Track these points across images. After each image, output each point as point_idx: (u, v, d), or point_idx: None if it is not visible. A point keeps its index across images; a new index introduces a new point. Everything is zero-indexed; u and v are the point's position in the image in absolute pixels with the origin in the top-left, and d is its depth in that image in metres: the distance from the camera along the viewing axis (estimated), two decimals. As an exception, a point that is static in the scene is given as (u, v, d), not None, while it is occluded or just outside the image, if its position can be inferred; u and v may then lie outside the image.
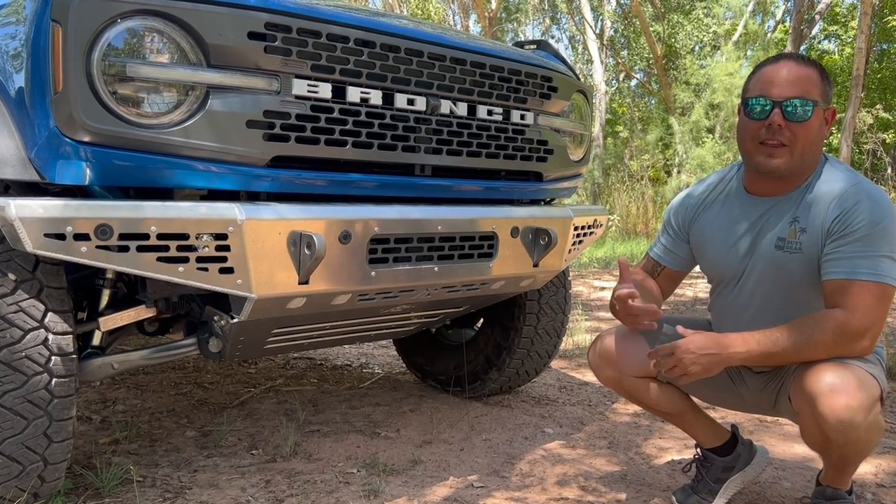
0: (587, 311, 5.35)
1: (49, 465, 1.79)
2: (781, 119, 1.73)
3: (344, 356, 3.98)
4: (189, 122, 1.63)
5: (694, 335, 1.73)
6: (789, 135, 1.74)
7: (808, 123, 1.73)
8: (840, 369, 1.64)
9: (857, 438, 1.65)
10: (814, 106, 1.73)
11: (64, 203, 1.50)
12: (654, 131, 15.95)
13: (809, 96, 1.73)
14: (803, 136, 1.74)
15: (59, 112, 1.52)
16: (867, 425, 1.63)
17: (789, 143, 1.74)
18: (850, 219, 1.70)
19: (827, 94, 1.77)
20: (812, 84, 1.74)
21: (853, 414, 1.60)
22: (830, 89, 1.79)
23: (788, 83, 1.74)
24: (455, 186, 2.15)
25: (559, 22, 22.22)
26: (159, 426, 2.72)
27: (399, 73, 1.91)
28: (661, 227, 2.11)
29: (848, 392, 1.61)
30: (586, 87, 2.55)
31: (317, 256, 1.69)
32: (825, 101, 1.77)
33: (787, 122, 1.73)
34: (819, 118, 1.76)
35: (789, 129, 1.73)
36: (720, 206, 1.95)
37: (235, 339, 1.96)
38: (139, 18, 1.57)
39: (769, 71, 1.78)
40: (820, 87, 1.75)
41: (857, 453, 1.74)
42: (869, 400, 1.63)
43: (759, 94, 1.77)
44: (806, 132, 1.74)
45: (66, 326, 1.74)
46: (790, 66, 1.76)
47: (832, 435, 1.64)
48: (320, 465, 2.36)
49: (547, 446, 2.59)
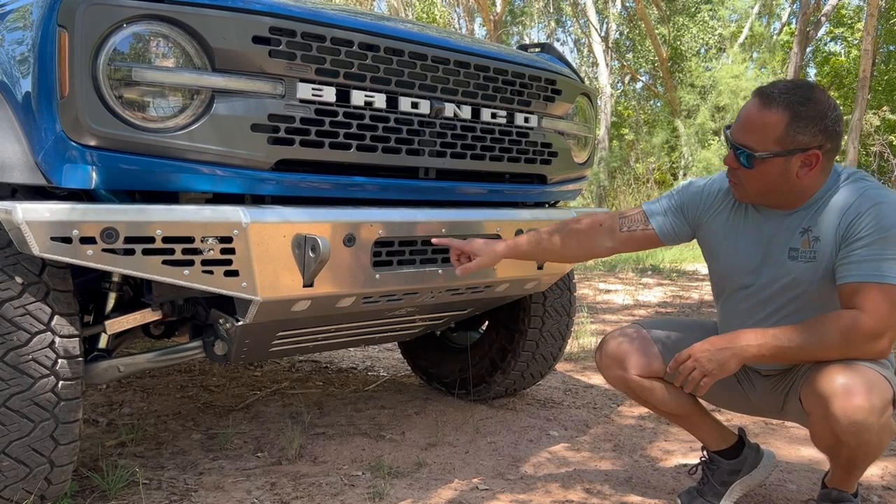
0: (592, 313, 5.35)
1: (55, 468, 1.80)
2: (734, 161, 1.78)
3: (349, 359, 3.99)
4: (194, 126, 1.64)
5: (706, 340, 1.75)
6: (741, 175, 1.78)
7: (753, 170, 1.74)
8: (853, 371, 1.64)
9: (869, 440, 1.65)
10: (753, 157, 1.71)
11: (70, 207, 1.52)
12: (660, 134, 15.95)
13: (754, 146, 1.71)
14: (753, 181, 1.76)
15: (66, 116, 1.53)
16: (879, 427, 1.64)
17: (741, 182, 1.79)
18: (863, 223, 1.70)
19: (794, 139, 1.67)
20: (767, 133, 1.69)
21: (866, 415, 1.60)
22: (805, 131, 1.67)
23: (743, 126, 1.75)
24: (459, 189, 2.16)
25: (564, 25, 22.26)
26: (165, 429, 2.73)
27: (403, 77, 1.92)
28: (670, 194, 2.03)
29: (861, 393, 1.61)
30: (590, 90, 2.55)
31: (321, 259, 1.69)
32: (786, 148, 1.68)
33: (737, 162, 1.77)
34: (773, 166, 1.70)
35: (740, 170, 1.77)
36: (734, 210, 1.92)
37: (240, 341, 1.96)
38: (144, 23, 1.58)
39: (744, 105, 1.80)
40: (778, 134, 1.68)
41: (867, 455, 1.74)
42: (882, 402, 1.63)
43: (730, 128, 1.81)
44: (752, 177, 1.75)
45: (72, 329, 1.75)
46: (754, 108, 1.72)
47: (844, 437, 1.64)
48: (325, 468, 2.36)
49: (552, 449, 2.59)
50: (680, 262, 8.54)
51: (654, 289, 6.92)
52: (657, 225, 1.99)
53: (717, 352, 1.71)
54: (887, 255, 1.67)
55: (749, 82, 13.89)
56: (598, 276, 7.98)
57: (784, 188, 1.75)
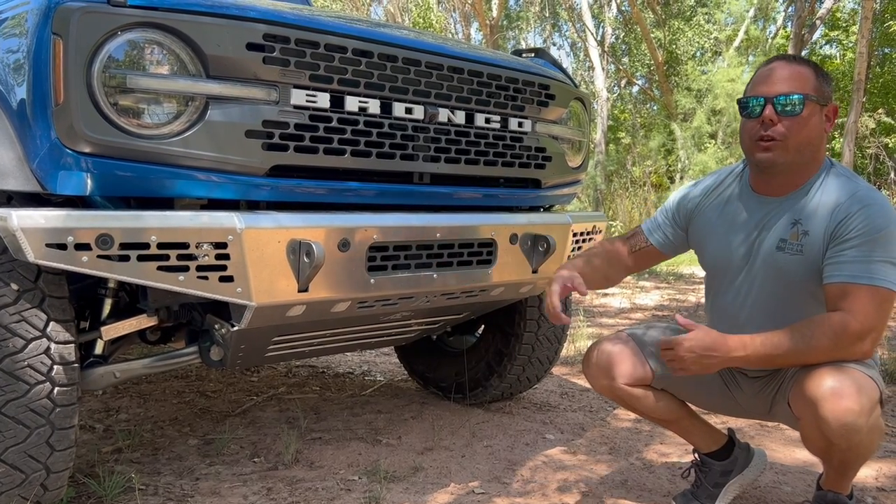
0: (589, 317, 5.35)
1: (51, 474, 1.80)
2: (773, 114, 1.76)
3: (346, 364, 3.99)
4: (189, 133, 1.65)
5: (697, 331, 1.73)
6: (782, 129, 1.76)
7: (800, 117, 1.75)
8: (840, 373, 1.65)
9: (860, 442, 1.65)
10: (804, 98, 1.75)
11: (65, 213, 1.52)
12: (657, 137, 15.97)
13: (800, 90, 1.75)
14: (797, 130, 1.76)
15: (61, 123, 1.54)
16: (869, 428, 1.64)
17: (782, 138, 1.76)
18: (852, 224, 1.71)
19: (823, 90, 1.78)
20: (804, 80, 1.77)
21: (855, 417, 1.61)
22: (828, 87, 1.80)
23: (780, 80, 1.78)
24: (453, 194, 2.16)
25: (560, 29, 22.31)
26: (162, 435, 2.73)
27: (397, 83, 1.93)
28: (663, 207, 2.13)
29: (850, 395, 1.62)
30: (584, 95, 2.56)
31: (316, 264, 1.70)
32: (821, 97, 1.78)
33: (779, 116, 1.76)
34: (814, 113, 1.77)
35: (782, 123, 1.76)
36: (725, 202, 1.96)
37: (236, 347, 1.97)
38: (139, 31, 1.59)
39: (762, 72, 1.83)
40: (814, 83, 1.77)
41: (859, 457, 1.74)
42: (870, 403, 1.64)
43: (752, 94, 1.81)
44: (799, 125, 1.76)
45: (68, 336, 1.76)
46: (781, 65, 1.80)
47: (835, 439, 1.65)
48: (322, 473, 2.37)
49: (548, 452, 2.60)
50: (677, 265, 8.55)
51: (652, 292, 6.93)
52: (655, 240, 2.10)
53: (701, 357, 1.71)
54: (876, 256, 1.68)
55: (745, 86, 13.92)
56: (595, 279, 7.96)
57: (815, 143, 1.80)
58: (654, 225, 2.11)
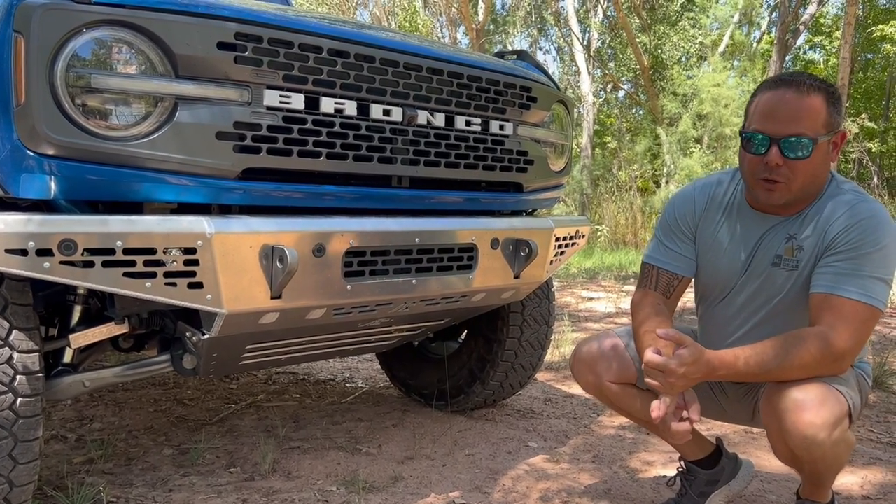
0: (574, 321, 5.32)
1: (15, 488, 1.73)
2: (779, 157, 1.64)
3: (328, 370, 3.93)
4: (157, 134, 1.60)
5: (679, 352, 1.62)
6: (787, 172, 1.65)
7: (809, 161, 1.64)
8: (807, 386, 1.60)
9: (823, 455, 1.61)
10: (813, 143, 1.63)
11: (26, 218, 1.46)
12: (643, 142, 16.01)
13: (809, 133, 1.63)
14: (803, 172, 1.66)
15: (22, 125, 1.48)
16: (832, 442, 1.59)
17: (787, 180, 1.67)
18: (847, 236, 1.67)
19: (833, 121, 1.66)
20: (814, 116, 1.63)
21: (816, 431, 1.57)
22: (838, 112, 1.67)
23: (788, 117, 1.63)
24: (433, 198, 2.12)
25: (547, 33, 22.34)
26: (136, 444, 2.67)
27: (374, 84, 1.88)
28: (663, 232, 1.95)
29: (812, 409, 1.57)
30: (566, 98, 2.53)
31: (289, 270, 1.65)
32: (830, 130, 1.66)
33: (785, 159, 1.64)
34: (822, 151, 1.66)
35: (788, 166, 1.65)
36: (723, 214, 1.88)
37: (208, 355, 1.91)
38: (105, 29, 1.54)
39: (770, 101, 1.67)
40: (825, 117, 1.64)
41: (828, 468, 1.71)
42: (833, 417, 1.59)
43: (756, 129, 1.67)
44: (805, 168, 1.66)
45: (31, 344, 1.69)
46: (791, 96, 1.64)
47: (797, 451, 1.62)
48: (299, 483, 2.31)
49: (531, 461, 2.56)
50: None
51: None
52: (684, 270, 1.93)
53: (689, 380, 1.63)
54: (865, 272, 1.64)
55: (730, 90, 13.97)
56: (580, 284, 7.96)
57: (821, 176, 1.71)
58: (671, 256, 1.93)
